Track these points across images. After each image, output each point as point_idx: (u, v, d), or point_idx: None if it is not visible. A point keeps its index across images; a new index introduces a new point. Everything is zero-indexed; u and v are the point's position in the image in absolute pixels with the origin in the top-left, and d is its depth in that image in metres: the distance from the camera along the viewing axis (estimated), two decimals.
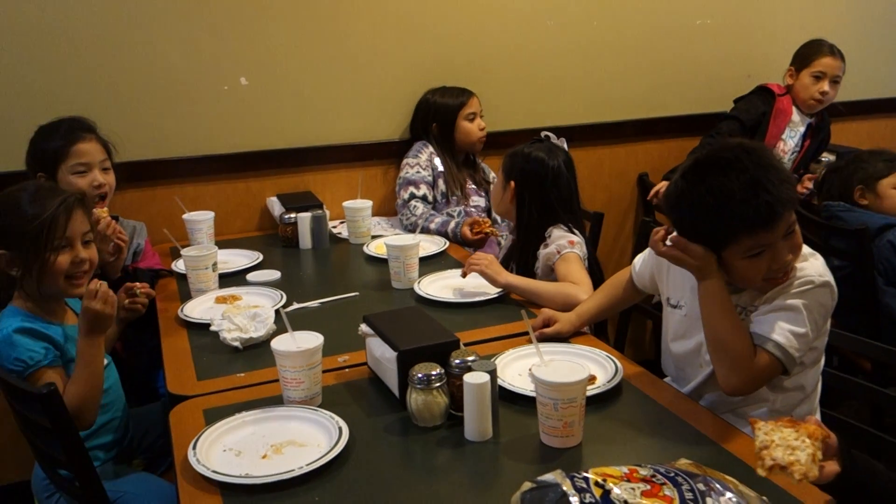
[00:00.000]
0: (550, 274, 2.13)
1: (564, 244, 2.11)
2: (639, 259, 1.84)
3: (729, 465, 1.27)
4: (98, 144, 2.25)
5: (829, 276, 1.53)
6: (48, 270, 1.66)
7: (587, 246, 2.20)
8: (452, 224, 2.69)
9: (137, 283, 1.98)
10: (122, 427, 1.86)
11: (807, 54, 3.12)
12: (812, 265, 1.54)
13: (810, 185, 2.98)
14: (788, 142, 3.16)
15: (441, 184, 2.83)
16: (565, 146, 2.27)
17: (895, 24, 3.70)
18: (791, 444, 1.16)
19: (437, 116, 2.88)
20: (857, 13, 3.61)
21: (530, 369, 1.38)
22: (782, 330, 1.47)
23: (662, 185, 2.98)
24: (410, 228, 2.72)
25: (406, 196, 2.79)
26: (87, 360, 1.64)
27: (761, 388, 1.54)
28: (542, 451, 1.36)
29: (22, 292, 1.70)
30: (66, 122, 2.25)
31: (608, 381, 1.55)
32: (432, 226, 2.71)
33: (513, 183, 2.23)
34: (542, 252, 2.15)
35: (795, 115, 3.15)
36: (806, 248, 1.56)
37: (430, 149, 2.86)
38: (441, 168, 2.84)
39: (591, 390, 1.50)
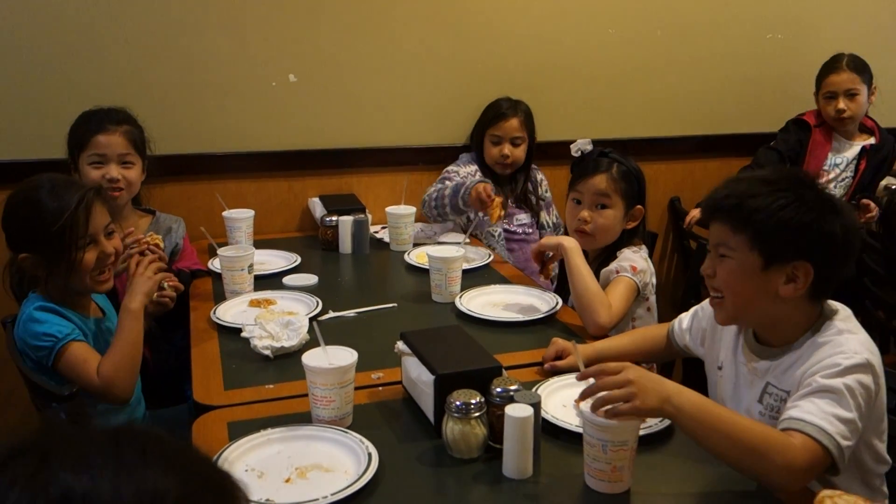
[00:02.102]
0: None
1: (626, 267, 2.00)
2: (687, 316, 1.70)
3: None
4: (123, 138, 2.19)
5: (868, 355, 1.31)
6: (76, 269, 1.62)
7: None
8: (463, 190, 2.53)
9: (165, 275, 1.92)
10: None
11: (818, 77, 3.02)
12: (848, 340, 1.34)
13: (874, 212, 2.80)
14: (832, 171, 3.01)
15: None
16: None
17: None
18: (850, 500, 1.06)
19: (476, 127, 2.79)
20: None
21: (579, 405, 1.27)
22: (825, 414, 1.24)
23: (697, 211, 2.85)
24: (430, 207, 2.63)
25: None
26: (126, 332, 1.63)
27: (809, 481, 1.26)
28: (586, 495, 1.25)
29: (45, 288, 1.65)
30: (102, 111, 2.22)
31: (660, 421, 1.43)
32: (447, 192, 2.58)
33: (641, 207, 2.11)
34: (605, 270, 2.04)
35: (839, 142, 3.01)
36: (841, 323, 1.38)
37: (475, 166, 2.76)
38: None
39: (642, 430, 1.38)
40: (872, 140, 3.04)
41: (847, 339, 1.34)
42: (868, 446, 1.38)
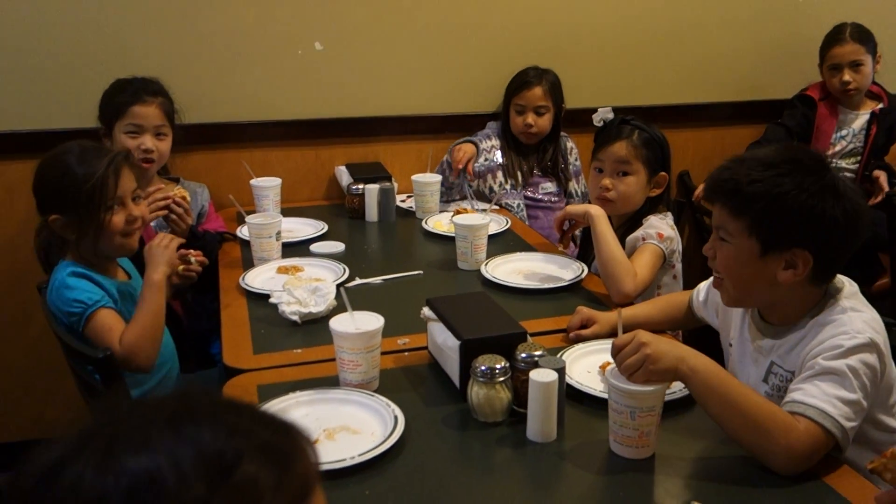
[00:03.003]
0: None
1: (652, 234, 1.99)
2: (703, 288, 1.69)
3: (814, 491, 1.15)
4: (159, 110, 2.23)
5: (872, 334, 1.29)
6: (104, 230, 1.66)
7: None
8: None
9: (192, 252, 1.95)
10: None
11: (821, 48, 2.97)
12: (851, 320, 1.32)
13: (884, 190, 2.75)
14: (838, 143, 2.98)
15: (499, 175, 2.72)
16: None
17: None
18: None
19: (504, 96, 2.79)
20: None
21: (605, 372, 1.27)
22: (827, 396, 1.23)
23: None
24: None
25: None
26: (148, 304, 1.67)
27: (810, 466, 1.22)
28: (609, 459, 1.26)
29: (76, 253, 1.69)
30: (137, 81, 2.25)
31: (684, 388, 1.43)
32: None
33: (665, 174, 2.09)
34: (630, 237, 2.03)
35: (845, 114, 2.97)
36: (846, 301, 1.36)
37: (494, 141, 2.75)
38: (500, 160, 2.73)
39: (667, 396, 1.39)
40: (881, 105, 3.00)
41: (851, 319, 1.32)
42: (874, 422, 1.37)
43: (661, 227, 2.01)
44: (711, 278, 1.65)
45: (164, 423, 0.57)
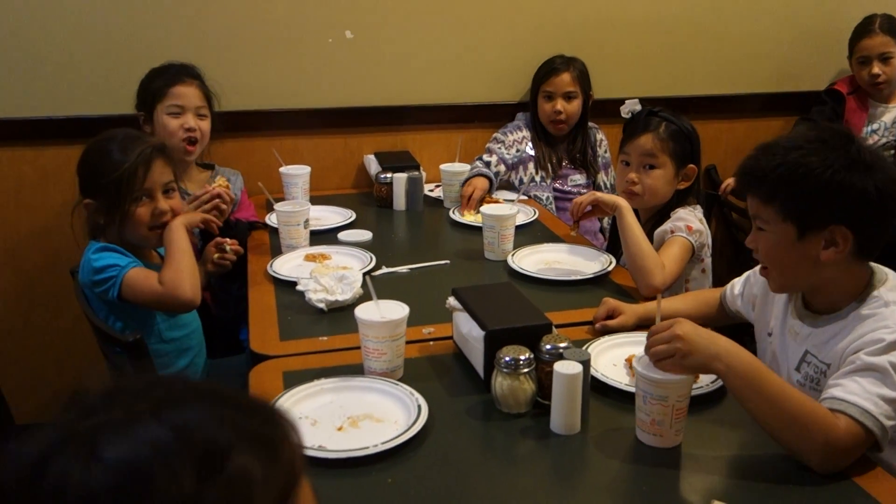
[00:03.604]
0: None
1: (681, 227, 1.96)
2: (739, 281, 1.68)
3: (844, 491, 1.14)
4: (197, 90, 2.28)
5: None
6: (129, 220, 1.68)
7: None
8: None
9: (227, 240, 1.97)
10: (203, 376, 1.86)
11: (850, 40, 2.91)
12: (893, 313, 1.29)
13: None
14: (870, 138, 2.93)
15: (530, 167, 2.71)
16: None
17: None
18: None
19: (531, 86, 2.76)
20: None
21: (632, 361, 1.26)
22: (869, 394, 1.20)
23: (732, 180, 2.78)
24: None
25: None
26: (174, 243, 1.71)
27: (848, 464, 1.20)
28: (633, 453, 1.26)
29: (105, 238, 1.71)
30: (174, 66, 2.29)
31: (712, 382, 1.42)
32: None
33: (694, 166, 2.07)
34: (659, 229, 2.01)
35: (875, 107, 2.92)
36: (889, 294, 1.33)
37: (525, 133, 2.73)
38: (531, 152, 2.71)
39: (695, 391, 1.37)
40: None
41: (893, 312, 1.29)
42: None
43: (690, 219, 1.99)
44: (745, 274, 1.66)
45: (149, 414, 0.54)
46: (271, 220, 2.30)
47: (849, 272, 1.36)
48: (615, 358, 1.53)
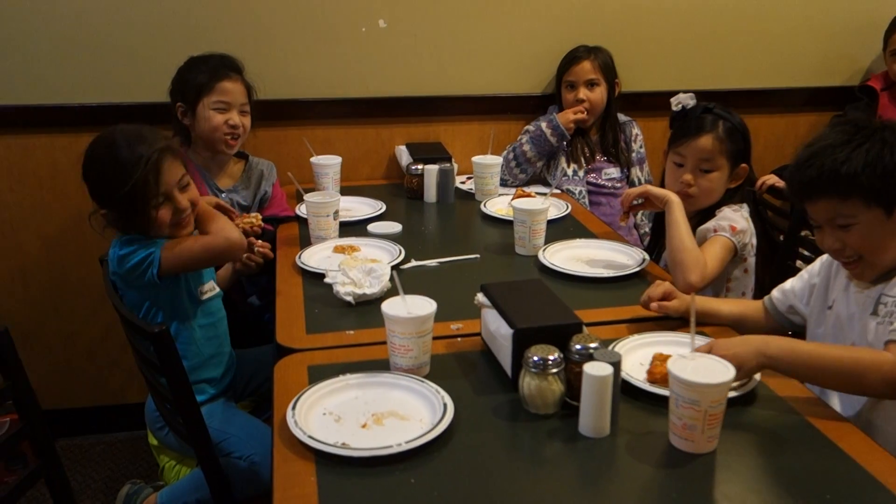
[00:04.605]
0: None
1: (725, 227, 1.91)
2: (790, 281, 1.70)
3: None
4: (242, 86, 2.26)
5: None
6: (152, 225, 1.66)
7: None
8: (545, 124, 2.61)
9: (258, 241, 1.95)
10: (228, 364, 1.86)
11: (886, 33, 2.84)
12: None
13: None
14: None
15: (562, 160, 2.66)
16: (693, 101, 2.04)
17: None
18: None
19: (556, 78, 2.72)
20: None
21: (667, 363, 1.23)
22: None
23: (770, 178, 2.71)
24: (506, 172, 2.65)
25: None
26: (204, 212, 1.76)
27: None
28: (663, 457, 1.22)
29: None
30: (216, 57, 2.27)
31: (743, 385, 1.38)
32: (525, 146, 2.62)
33: (746, 166, 2.02)
34: (702, 227, 1.96)
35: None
36: None
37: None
38: (564, 145, 2.67)
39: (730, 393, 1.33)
40: None
41: None
42: None
43: (734, 219, 1.93)
44: (798, 275, 1.70)
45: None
46: (301, 210, 2.29)
47: None
48: (642, 357, 1.49)
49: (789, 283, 1.70)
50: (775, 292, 1.71)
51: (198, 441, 1.54)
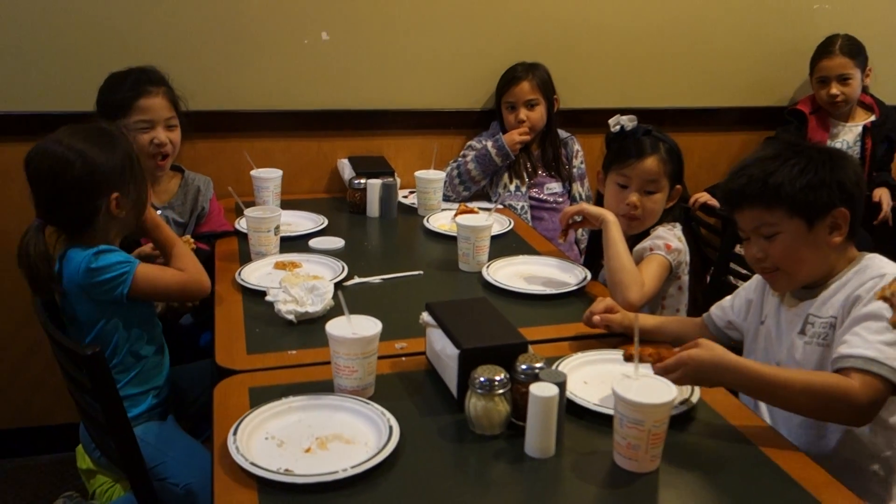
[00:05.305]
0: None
1: (660, 245, 1.95)
2: (728, 298, 1.74)
3: None
4: (165, 100, 2.17)
5: None
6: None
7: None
8: (490, 144, 2.63)
9: None
10: (167, 374, 1.81)
11: (811, 60, 2.97)
12: (888, 264, 1.46)
13: (885, 210, 2.72)
14: None
15: (504, 176, 2.68)
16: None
17: None
18: None
19: (495, 98, 2.75)
20: None
21: (612, 385, 1.24)
22: (870, 343, 1.32)
23: (703, 196, 2.80)
24: (450, 189, 2.65)
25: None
26: (168, 237, 1.80)
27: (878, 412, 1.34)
28: (608, 477, 1.23)
29: (90, 241, 1.64)
30: (134, 73, 2.17)
31: (683, 402, 1.40)
32: (470, 164, 2.63)
33: (680, 187, 2.07)
34: (638, 246, 1.99)
35: (836, 126, 2.96)
36: (876, 256, 1.49)
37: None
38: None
39: (673, 410, 1.35)
40: (873, 117, 2.99)
41: (886, 263, 1.45)
42: None
43: (669, 238, 1.97)
44: (736, 291, 1.74)
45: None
46: (241, 225, 2.25)
47: (844, 256, 1.50)
48: (586, 375, 1.51)
49: (728, 300, 1.74)
50: (714, 309, 1.74)
51: (130, 466, 1.49)
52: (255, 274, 1.94)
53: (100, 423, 1.53)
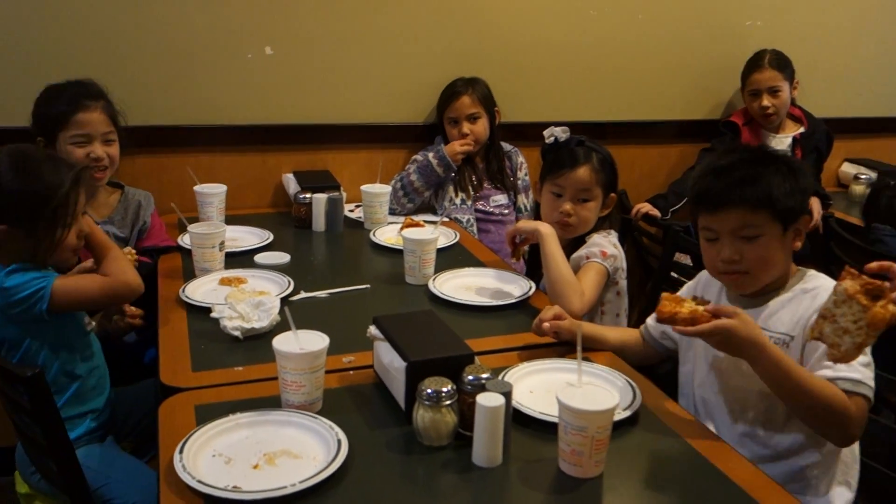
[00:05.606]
0: None
1: (596, 253, 2.00)
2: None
3: None
4: (103, 114, 2.14)
5: None
6: (59, 246, 1.61)
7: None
8: (432, 155, 2.65)
9: (131, 308, 1.89)
10: (109, 396, 1.78)
11: (742, 74, 3.09)
12: (823, 279, 1.52)
13: (815, 219, 2.83)
14: None
15: (450, 189, 2.72)
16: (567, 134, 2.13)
17: None
18: (847, 326, 1.19)
19: (437, 114, 2.79)
20: None
21: (557, 395, 1.27)
22: (851, 367, 1.37)
23: (644, 206, 2.90)
24: (395, 202, 2.66)
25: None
26: (99, 240, 1.72)
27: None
28: (554, 483, 1.25)
29: (6, 260, 1.60)
30: (72, 86, 2.14)
31: (625, 409, 1.44)
32: (413, 176, 2.65)
33: (614, 195, 2.12)
34: (575, 255, 2.03)
35: (767, 137, 3.09)
36: (818, 273, 1.55)
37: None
38: (451, 175, 2.72)
39: (617, 416, 1.38)
40: (802, 129, 3.12)
41: (831, 283, 1.46)
42: None
43: (604, 245, 2.02)
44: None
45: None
46: (184, 241, 2.22)
47: (790, 259, 1.55)
48: (532, 385, 1.53)
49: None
50: (650, 320, 1.77)
51: (73, 488, 1.46)
52: (199, 290, 1.92)
53: (40, 445, 1.50)
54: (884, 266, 1.31)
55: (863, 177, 3.27)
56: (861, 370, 1.38)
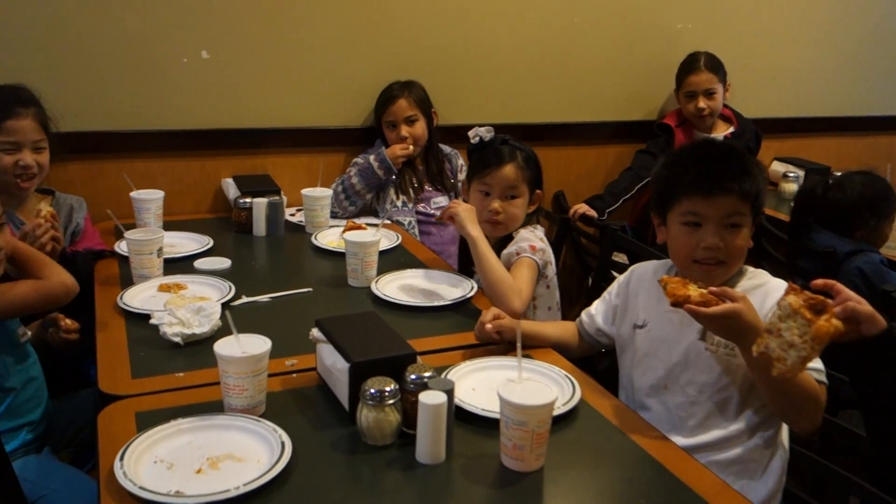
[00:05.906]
0: None
1: (525, 248, 2.04)
2: (595, 303, 1.82)
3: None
4: (34, 122, 2.09)
5: None
6: None
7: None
8: (372, 158, 2.67)
9: (66, 321, 1.81)
10: (46, 408, 1.74)
11: (678, 75, 3.19)
12: (767, 277, 1.58)
13: None
14: None
15: (391, 192, 2.73)
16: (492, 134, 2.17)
17: (878, 43, 3.69)
18: (792, 340, 1.20)
19: (375, 118, 2.81)
20: (841, 30, 3.60)
21: (497, 391, 1.29)
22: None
23: (581, 207, 2.97)
24: (336, 205, 2.65)
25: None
26: (24, 250, 1.68)
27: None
28: (496, 478, 1.28)
29: None
30: (2, 91, 2.09)
31: (565, 403, 1.47)
32: (354, 178, 2.66)
33: (540, 192, 2.16)
34: (505, 252, 2.07)
35: (700, 137, 3.18)
36: (754, 270, 1.60)
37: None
38: (392, 178, 2.75)
39: (555, 410, 1.42)
40: (732, 129, 3.23)
41: (775, 285, 1.54)
42: None
43: (532, 239, 2.07)
44: (602, 296, 1.81)
45: None
46: (121, 248, 2.19)
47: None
48: (474, 382, 1.56)
49: (594, 306, 1.82)
50: (583, 315, 1.83)
51: (9, 501, 1.42)
52: (138, 297, 1.90)
53: None
54: (828, 283, 1.32)
55: (791, 175, 3.40)
56: (819, 361, 1.42)
